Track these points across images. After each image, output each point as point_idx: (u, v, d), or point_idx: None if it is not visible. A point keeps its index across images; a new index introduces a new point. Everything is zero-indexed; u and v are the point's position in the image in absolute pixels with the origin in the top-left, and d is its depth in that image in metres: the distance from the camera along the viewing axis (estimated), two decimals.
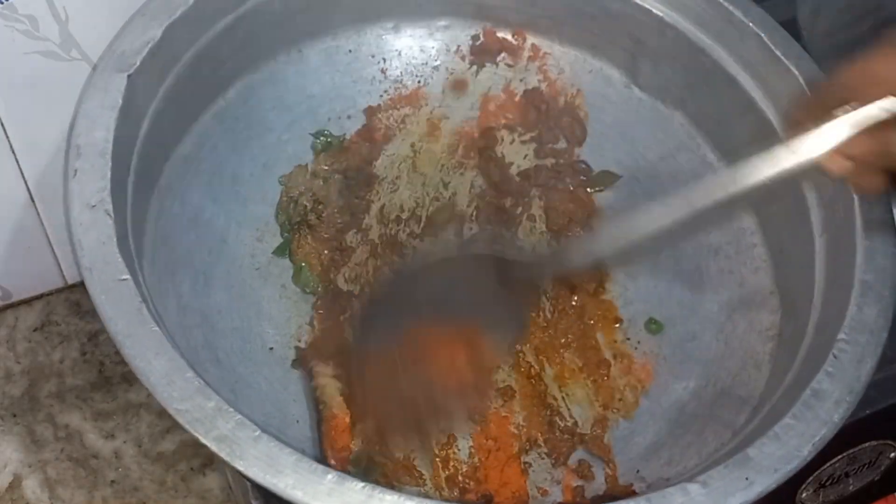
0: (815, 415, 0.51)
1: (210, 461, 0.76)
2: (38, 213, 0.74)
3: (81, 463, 0.75)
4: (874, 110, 0.48)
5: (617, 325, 0.66)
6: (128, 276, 0.51)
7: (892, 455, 0.64)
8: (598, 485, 0.59)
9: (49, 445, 0.75)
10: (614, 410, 0.63)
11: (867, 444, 0.62)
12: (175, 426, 0.76)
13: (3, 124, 0.67)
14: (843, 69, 0.50)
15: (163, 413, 0.77)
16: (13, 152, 0.69)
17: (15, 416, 0.77)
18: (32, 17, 0.62)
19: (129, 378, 0.79)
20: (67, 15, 0.63)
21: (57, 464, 0.75)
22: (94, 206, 0.53)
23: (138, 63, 0.57)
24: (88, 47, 0.65)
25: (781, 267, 0.64)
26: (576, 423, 0.62)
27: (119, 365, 0.79)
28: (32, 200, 0.73)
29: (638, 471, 0.59)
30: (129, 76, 0.57)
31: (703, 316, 0.65)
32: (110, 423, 0.77)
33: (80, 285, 0.82)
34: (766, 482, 0.48)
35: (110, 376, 0.79)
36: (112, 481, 0.74)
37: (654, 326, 0.65)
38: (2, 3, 0.60)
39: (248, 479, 0.47)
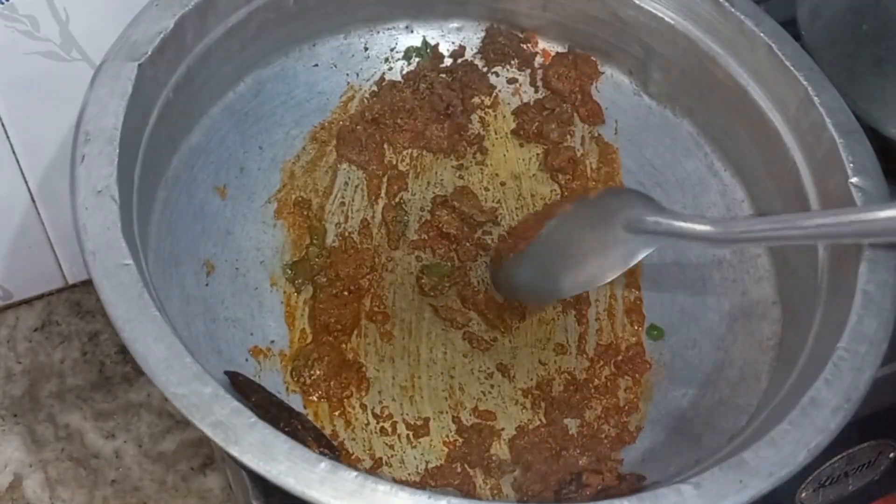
0: (812, 422, 0.51)
1: (210, 461, 0.76)
2: (39, 214, 0.75)
3: (82, 463, 0.75)
4: None
5: None
6: (130, 262, 0.51)
7: (892, 455, 0.64)
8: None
9: (49, 445, 0.76)
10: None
11: (867, 444, 0.62)
12: (175, 426, 0.77)
13: (3, 125, 0.67)
14: None
15: (163, 413, 0.78)
16: (14, 153, 0.70)
17: (15, 415, 0.77)
18: (33, 18, 0.63)
19: (130, 378, 0.79)
20: (68, 15, 0.63)
21: (57, 464, 0.75)
22: (100, 192, 0.53)
23: (149, 52, 0.58)
24: (89, 47, 0.65)
25: (784, 277, 0.64)
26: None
27: (119, 365, 0.80)
28: (33, 200, 0.74)
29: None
30: (139, 65, 0.57)
31: (704, 324, 0.65)
32: (111, 423, 0.77)
33: (81, 285, 0.83)
34: (759, 486, 0.48)
35: (111, 376, 0.79)
36: (112, 481, 0.75)
37: (654, 333, 0.65)
38: (2, 3, 0.61)
39: (243, 466, 0.47)
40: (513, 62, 0.73)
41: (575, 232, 0.63)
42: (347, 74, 0.71)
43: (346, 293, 0.64)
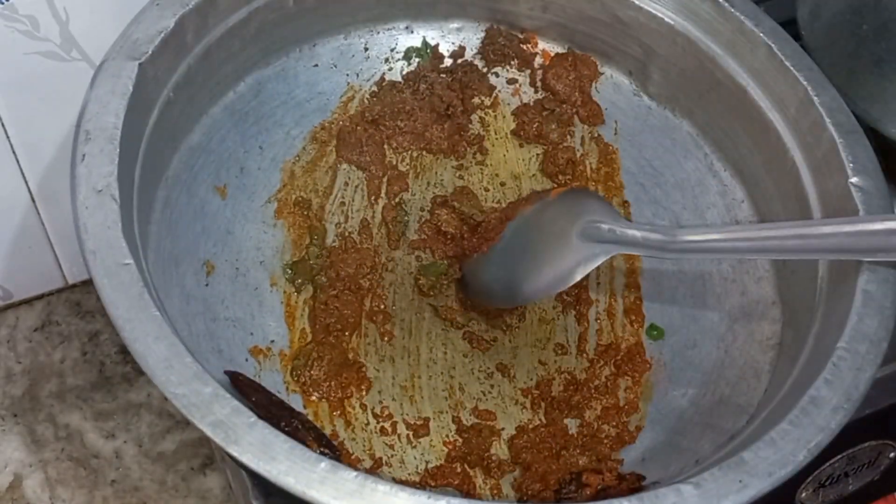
0: (812, 421, 0.51)
1: (210, 461, 0.76)
2: (39, 214, 0.75)
3: (82, 463, 0.75)
4: None
5: None
6: (131, 261, 0.51)
7: (892, 455, 0.64)
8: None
9: (49, 445, 0.76)
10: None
11: (867, 444, 0.62)
12: (175, 426, 0.77)
13: (3, 125, 0.67)
14: None
15: (163, 413, 0.78)
16: (14, 153, 0.70)
17: (16, 415, 0.77)
18: (33, 18, 0.63)
19: (130, 378, 0.79)
20: (68, 15, 0.63)
21: (57, 464, 0.75)
22: (100, 191, 0.53)
23: (150, 52, 0.58)
24: (89, 47, 0.65)
25: (784, 277, 0.64)
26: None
27: (119, 365, 0.80)
28: (33, 200, 0.74)
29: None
30: (140, 64, 0.57)
31: (704, 324, 0.65)
32: (111, 423, 0.77)
33: (81, 285, 0.83)
34: (759, 486, 0.48)
35: (111, 376, 0.79)
36: (112, 481, 0.75)
37: (654, 333, 0.65)
38: (2, 3, 0.61)
39: (242, 466, 0.47)
40: (513, 63, 0.73)
41: (533, 237, 0.63)
42: (347, 75, 0.71)
43: (346, 293, 0.64)
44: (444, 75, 0.72)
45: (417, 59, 0.72)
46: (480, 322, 0.65)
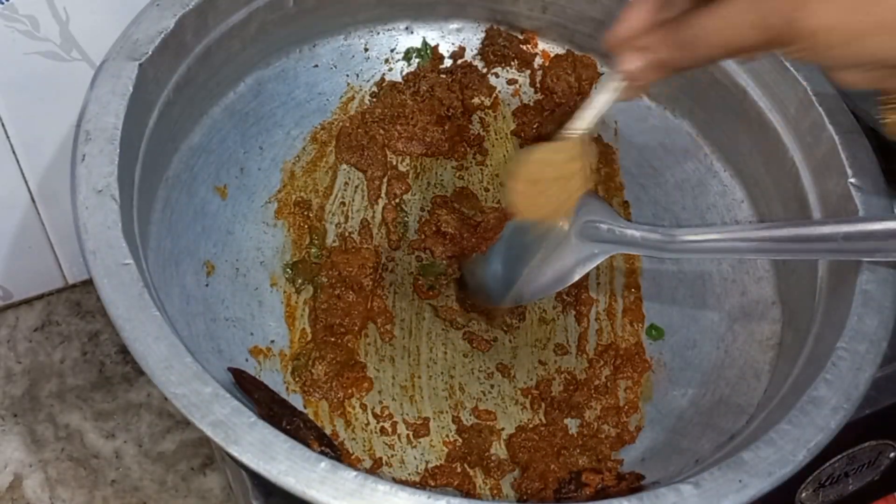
0: (812, 421, 0.51)
1: (210, 461, 0.76)
2: (39, 214, 0.75)
3: (82, 463, 0.75)
4: None
5: None
6: (131, 261, 0.51)
7: (892, 455, 0.64)
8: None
9: (49, 445, 0.76)
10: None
11: (867, 444, 0.62)
12: (175, 426, 0.77)
13: (3, 124, 0.67)
14: None
15: (163, 413, 0.78)
16: (14, 152, 0.70)
17: (16, 415, 0.77)
18: (33, 18, 0.63)
19: (130, 378, 0.79)
20: (68, 15, 0.63)
21: (57, 463, 0.75)
22: (100, 191, 0.53)
23: (150, 52, 0.58)
24: (89, 47, 0.65)
25: (784, 277, 0.64)
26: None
27: (119, 365, 0.80)
28: (33, 200, 0.74)
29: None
30: (140, 64, 0.57)
31: (704, 324, 0.65)
32: (111, 423, 0.77)
33: (81, 285, 0.83)
34: (759, 485, 0.48)
35: (111, 376, 0.79)
36: (112, 481, 0.75)
37: (654, 333, 0.65)
38: (2, 3, 0.61)
39: (242, 466, 0.47)
40: (512, 63, 0.73)
41: (532, 236, 0.63)
42: (347, 75, 0.71)
43: (346, 293, 0.64)
44: (444, 76, 0.72)
45: (417, 60, 0.72)
46: (480, 322, 0.65)
